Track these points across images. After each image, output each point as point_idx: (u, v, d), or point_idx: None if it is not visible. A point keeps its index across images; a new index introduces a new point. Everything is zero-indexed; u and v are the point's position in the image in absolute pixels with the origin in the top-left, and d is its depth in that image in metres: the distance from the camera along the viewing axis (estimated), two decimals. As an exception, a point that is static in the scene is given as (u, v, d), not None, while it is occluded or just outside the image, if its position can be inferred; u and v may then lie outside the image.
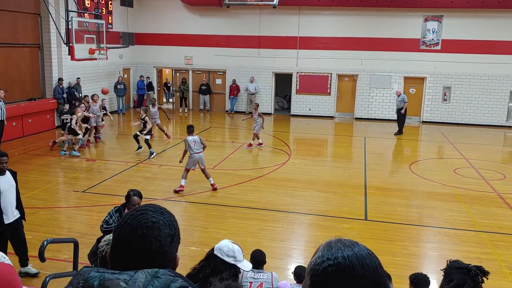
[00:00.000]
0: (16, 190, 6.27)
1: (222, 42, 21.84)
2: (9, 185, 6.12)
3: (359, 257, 1.24)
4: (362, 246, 1.29)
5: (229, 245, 2.88)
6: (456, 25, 19.77)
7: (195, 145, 10.10)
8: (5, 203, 6.07)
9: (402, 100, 17.53)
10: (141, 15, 22.46)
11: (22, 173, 11.56)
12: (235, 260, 2.85)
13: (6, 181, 6.09)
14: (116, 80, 20.75)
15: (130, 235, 1.46)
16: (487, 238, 8.07)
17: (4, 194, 6.03)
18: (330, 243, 1.30)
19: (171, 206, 9.19)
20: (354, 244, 1.29)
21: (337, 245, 1.28)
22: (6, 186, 6.07)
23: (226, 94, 22.40)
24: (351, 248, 1.27)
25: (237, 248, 2.93)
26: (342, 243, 1.29)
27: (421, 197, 10.39)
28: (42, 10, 16.45)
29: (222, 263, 2.81)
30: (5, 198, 6.04)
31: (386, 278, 1.31)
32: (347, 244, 1.28)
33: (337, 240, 1.31)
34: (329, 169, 12.89)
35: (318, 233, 8.20)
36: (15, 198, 6.22)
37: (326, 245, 1.30)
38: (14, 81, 15.75)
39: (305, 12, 20.81)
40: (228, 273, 2.81)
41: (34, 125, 15.89)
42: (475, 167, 12.98)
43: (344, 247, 1.27)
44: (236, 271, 2.85)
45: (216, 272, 2.77)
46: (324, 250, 1.28)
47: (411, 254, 7.46)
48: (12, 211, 6.19)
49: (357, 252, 1.25)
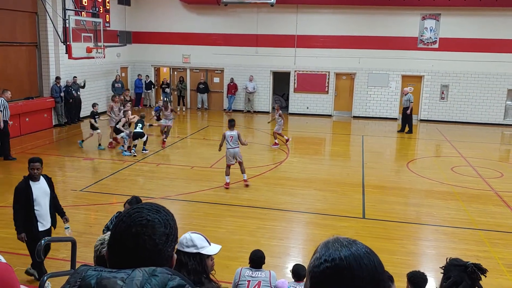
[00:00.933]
0: (52, 196, 6.08)
1: (220, 40, 21.82)
2: (42, 192, 5.93)
3: (356, 257, 1.23)
4: (360, 245, 1.28)
5: (187, 236, 2.95)
6: (454, 23, 19.79)
7: (231, 141, 10.23)
8: (40, 210, 5.91)
9: (408, 100, 17.59)
10: (138, 13, 22.41)
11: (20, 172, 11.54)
12: (197, 248, 2.91)
13: (40, 187, 5.92)
14: (113, 79, 20.71)
15: (125, 233, 1.46)
16: (485, 236, 8.09)
17: (37, 201, 5.86)
18: (328, 243, 1.29)
19: (169, 205, 9.15)
20: (351, 243, 1.28)
21: (334, 245, 1.27)
22: (39, 192, 5.89)
23: (224, 93, 22.39)
24: (349, 248, 1.26)
25: (196, 237, 2.98)
26: (340, 242, 1.28)
27: (419, 196, 10.40)
28: (39, 8, 16.40)
29: (185, 255, 2.87)
30: (39, 205, 5.88)
31: (386, 277, 1.30)
32: (345, 244, 1.27)
33: (335, 239, 1.30)
34: (327, 168, 12.90)
35: (316, 232, 8.21)
36: (50, 205, 6.03)
37: (323, 246, 1.29)
38: (12, 80, 15.70)
39: (303, 11, 20.81)
40: (193, 262, 2.87)
41: (31, 124, 15.85)
42: (472, 165, 13.01)
43: (342, 247, 1.26)
44: (201, 258, 2.91)
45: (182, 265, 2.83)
46: (322, 250, 1.27)
47: (409, 252, 7.47)
48: (48, 218, 6.04)
49: (355, 252, 1.24)
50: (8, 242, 7.04)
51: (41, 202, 5.91)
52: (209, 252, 2.97)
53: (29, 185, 5.85)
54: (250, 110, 22.07)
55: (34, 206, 5.85)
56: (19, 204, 5.86)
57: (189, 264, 2.86)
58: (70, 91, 17.35)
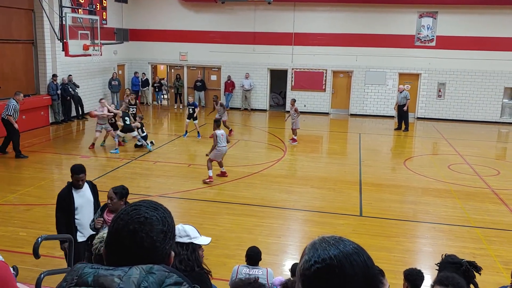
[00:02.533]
0: (96, 204, 5.69)
1: (217, 38, 21.79)
2: (85, 200, 5.61)
3: (346, 254, 1.23)
4: (347, 241, 1.28)
5: (179, 227, 2.98)
6: (451, 21, 19.82)
7: (223, 139, 10.46)
8: (81, 219, 5.56)
9: (404, 97, 17.62)
10: (135, 11, 22.36)
11: (16, 170, 11.54)
12: (190, 238, 2.97)
13: (83, 195, 5.60)
14: (110, 77, 20.67)
15: (122, 230, 1.45)
16: (481, 234, 8.11)
17: (79, 209, 5.55)
18: (315, 244, 1.29)
19: (166, 202, 9.15)
20: (338, 241, 1.28)
21: (322, 245, 1.27)
22: (82, 200, 5.58)
23: (221, 91, 22.37)
24: (336, 246, 1.26)
25: (188, 227, 3.04)
26: (327, 242, 1.28)
27: (416, 193, 10.42)
28: (35, 6, 16.34)
29: (179, 245, 2.91)
30: (81, 213, 5.56)
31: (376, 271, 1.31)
32: (332, 243, 1.27)
33: (321, 239, 1.30)
34: (324, 166, 12.91)
35: (313, 229, 8.21)
36: (92, 213, 5.52)
37: (311, 247, 1.29)
38: (8, 78, 15.66)
39: (300, 8, 20.80)
40: (186, 252, 2.94)
41: (28, 121, 15.78)
42: (469, 163, 13.04)
43: (329, 247, 1.26)
44: (194, 248, 2.97)
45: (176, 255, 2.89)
46: (310, 252, 1.27)
47: (406, 249, 7.49)
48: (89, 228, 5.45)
49: (343, 250, 1.24)
50: (5, 240, 7.04)
51: (83, 211, 5.57)
52: (201, 242, 3.03)
53: (71, 192, 5.54)
54: (247, 108, 22.06)
55: (75, 215, 5.55)
56: (60, 212, 5.57)
57: (182, 253, 2.91)
58: (67, 88, 17.30)
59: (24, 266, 6.29)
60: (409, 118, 18.23)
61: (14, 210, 8.73)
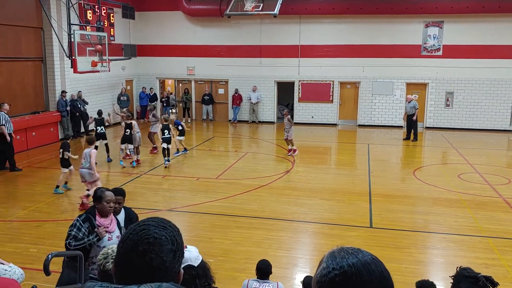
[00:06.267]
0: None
1: (223, 52, 21.94)
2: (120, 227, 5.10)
3: (364, 263, 1.25)
4: (365, 252, 1.30)
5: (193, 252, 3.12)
6: (457, 30, 19.81)
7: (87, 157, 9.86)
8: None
9: (413, 107, 17.57)
10: (142, 27, 22.60)
11: (26, 186, 11.62)
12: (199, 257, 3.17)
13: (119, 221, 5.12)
14: (119, 92, 20.85)
15: (131, 251, 1.46)
16: (493, 244, 8.01)
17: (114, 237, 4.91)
18: (333, 252, 1.31)
19: (175, 216, 9.18)
20: (357, 251, 1.29)
21: (340, 254, 1.29)
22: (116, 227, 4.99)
23: (229, 104, 22.46)
24: (355, 255, 1.27)
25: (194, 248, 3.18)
26: (345, 251, 1.29)
27: (426, 203, 10.34)
28: (44, 24, 16.59)
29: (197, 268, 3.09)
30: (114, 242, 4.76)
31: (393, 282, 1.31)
32: (350, 252, 1.29)
33: (340, 249, 1.32)
34: (333, 177, 12.87)
35: (323, 242, 8.16)
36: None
37: (329, 255, 1.30)
38: (18, 95, 15.84)
39: (305, 21, 20.91)
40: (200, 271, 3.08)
41: (38, 138, 15.95)
42: (479, 172, 12.93)
43: (348, 255, 1.27)
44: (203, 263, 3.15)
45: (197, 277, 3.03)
46: (328, 260, 1.28)
47: (417, 261, 7.41)
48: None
49: (362, 259, 1.26)
50: (16, 256, 7.05)
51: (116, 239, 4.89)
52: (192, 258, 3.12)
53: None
54: (255, 121, 22.11)
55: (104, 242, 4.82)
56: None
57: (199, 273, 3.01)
58: (76, 104, 17.46)
59: (35, 282, 6.30)
60: (418, 127, 18.16)
61: (24, 226, 8.77)
